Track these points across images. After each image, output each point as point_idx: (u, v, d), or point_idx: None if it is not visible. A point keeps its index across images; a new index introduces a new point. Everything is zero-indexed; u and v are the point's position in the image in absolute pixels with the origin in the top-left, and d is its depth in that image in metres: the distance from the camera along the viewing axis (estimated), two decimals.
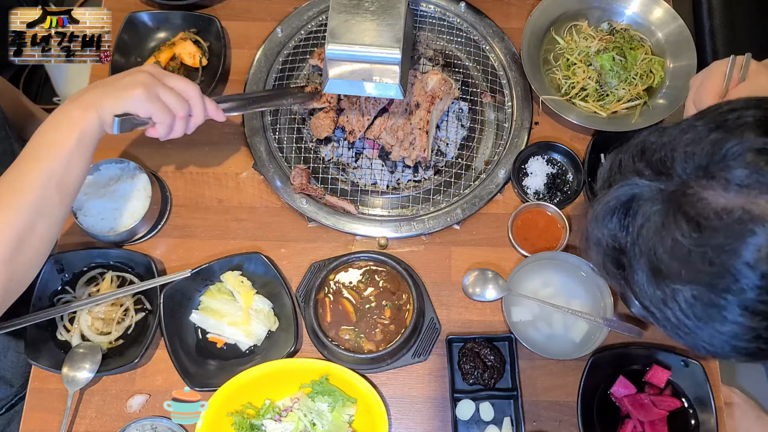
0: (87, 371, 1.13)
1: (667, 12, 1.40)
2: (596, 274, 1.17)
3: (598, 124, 1.31)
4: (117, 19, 1.42)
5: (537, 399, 1.17)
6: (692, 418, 1.14)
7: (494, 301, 1.20)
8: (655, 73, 1.37)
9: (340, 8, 1.13)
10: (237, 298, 1.20)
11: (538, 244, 1.25)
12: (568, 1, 1.43)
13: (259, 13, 1.48)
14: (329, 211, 1.28)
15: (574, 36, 1.41)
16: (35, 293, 1.18)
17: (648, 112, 1.33)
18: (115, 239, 1.23)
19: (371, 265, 1.23)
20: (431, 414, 1.17)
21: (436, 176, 1.34)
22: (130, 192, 1.24)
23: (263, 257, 1.21)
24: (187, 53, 1.41)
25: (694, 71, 1.33)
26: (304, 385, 1.14)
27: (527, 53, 1.36)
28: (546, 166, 1.33)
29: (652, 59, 1.38)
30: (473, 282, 1.21)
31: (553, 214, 1.27)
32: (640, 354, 1.17)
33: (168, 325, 1.16)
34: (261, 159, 1.33)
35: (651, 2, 1.41)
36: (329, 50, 1.12)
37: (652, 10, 1.41)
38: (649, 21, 1.41)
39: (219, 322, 1.19)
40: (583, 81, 1.35)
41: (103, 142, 1.36)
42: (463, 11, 1.46)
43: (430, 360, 1.20)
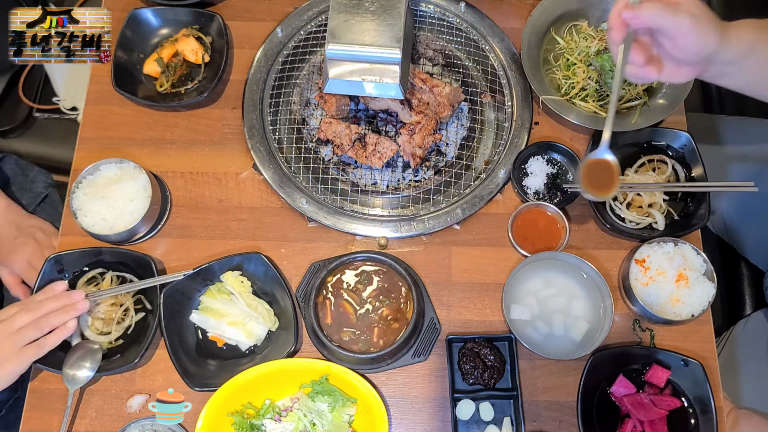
0: (87, 369, 1.13)
1: None
2: (596, 275, 1.18)
3: (599, 124, 1.31)
4: (117, 19, 1.42)
5: (537, 399, 1.17)
6: (692, 418, 1.14)
7: None
8: None
9: (340, 8, 1.13)
10: (237, 298, 1.20)
11: (538, 244, 1.25)
12: (568, 1, 1.43)
13: (260, 13, 1.48)
14: (329, 210, 1.28)
15: (574, 36, 1.41)
16: (35, 293, 1.18)
17: (647, 111, 1.33)
18: (115, 239, 1.23)
19: (371, 265, 1.23)
20: (431, 414, 1.17)
21: (436, 176, 1.34)
22: (130, 192, 1.24)
23: (263, 257, 1.21)
24: (190, 49, 1.41)
25: None
26: (304, 385, 1.14)
27: (527, 53, 1.36)
28: (546, 166, 1.33)
29: None
30: None
31: (553, 214, 1.27)
32: (640, 353, 1.17)
33: (168, 325, 1.16)
34: (261, 159, 1.33)
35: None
36: (329, 50, 1.12)
37: None
38: None
39: (219, 322, 1.19)
40: (583, 81, 1.35)
41: (103, 141, 1.37)
42: (463, 11, 1.46)
43: (430, 360, 1.20)
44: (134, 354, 1.14)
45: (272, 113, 1.38)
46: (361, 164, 1.33)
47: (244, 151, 1.35)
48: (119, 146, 1.35)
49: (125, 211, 1.23)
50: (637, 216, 1.28)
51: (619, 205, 1.29)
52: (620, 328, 1.22)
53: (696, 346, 1.21)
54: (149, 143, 1.36)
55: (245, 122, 1.36)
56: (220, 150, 1.36)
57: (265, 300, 1.22)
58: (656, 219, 1.27)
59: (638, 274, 1.20)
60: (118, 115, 1.38)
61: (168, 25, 1.44)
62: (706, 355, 1.19)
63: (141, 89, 1.39)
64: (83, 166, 1.25)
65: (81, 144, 1.36)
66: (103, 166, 1.26)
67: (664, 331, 1.22)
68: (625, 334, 1.22)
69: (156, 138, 1.37)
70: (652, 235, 1.24)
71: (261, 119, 1.36)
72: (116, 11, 1.44)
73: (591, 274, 1.20)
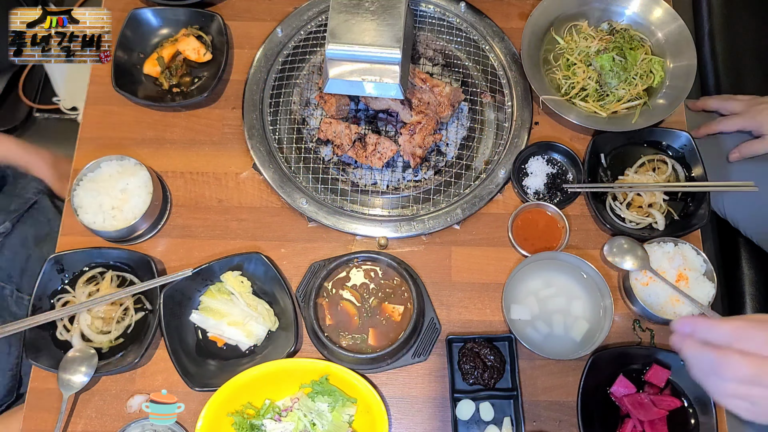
0: (83, 375, 1.13)
1: (667, 12, 1.40)
2: (596, 275, 1.18)
3: (599, 124, 1.31)
4: (117, 19, 1.42)
5: (537, 399, 1.17)
6: (692, 418, 1.14)
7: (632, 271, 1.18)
8: (655, 73, 1.37)
9: (340, 8, 1.13)
10: (237, 298, 1.20)
11: (538, 244, 1.25)
12: (568, 1, 1.43)
13: (260, 13, 1.48)
14: (329, 210, 1.28)
15: (574, 36, 1.41)
16: (35, 293, 1.18)
17: (648, 111, 1.33)
18: (115, 236, 1.23)
19: (371, 265, 1.23)
20: (431, 414, 1.17)
21: (436, 176, 1.34)
22: (131, 188, 1.24)
23: (263, 257, 1.21)
24: (191, 48, 1.41)
25: (694, 71, 1.34)
26: (304, 385, 1.14)
27: (527, 53, 1.36)
28: (546, 166, 1.33)
29: (652, 59, 1.38)
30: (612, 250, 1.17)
31: (553, 214, 1.27)
32: (640, 353, 1.17)
33: (168, 325, 1.16)
34: (261, 159, 1.33)
35: (651, 2, 1.41)
36: (329, 50, 1.12)
37: (652, 10, 1.41)
38: (649, 21, 1.42)
39: (219, 322, 1.19)
40: (583, 81, 1.35)
41: (103, 141, 1.37)
42: (463, 11, 1.46)
43: (430, 360, 1.20)
44: (134, 354, 1.14)
45: (272, 113, 1.38)
46: (361, 164, 1.33)
47: (244, 151, 1.35)
48: (119, 146, 1.35)
49: (126, 208, 1.23)
50: (637, 216, 1.28)
51: (619, 205, 1.29)
52: (620, 328, 1.22)
53: None
54: (149, 143, 1.36)
55: (245, 122, 1.36)
56: (220, 150, 1.36)
57: (265, 300, 1.22)
58: (656, 219, 1.27)
59: (638, 274, 1.20)
60: (118, 115, 1.38)
61: (168, 25, 1.44)
62: None
63: (141, 89, 1.39)
64: (83, 166, 1.25)
65: (81, 144, 1.36)
66: (103, 163, 1.26)
67: (664, 331, 1.22)
68: (625, 334, 1.22)
69: (156, 138, 1.37)
70: (652, 235, 1.24)
71: (261, 119, 1.36)
72: (116, 11, 1.44)
73: (591, 274, 1.20)
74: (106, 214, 1.23)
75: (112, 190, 1.24)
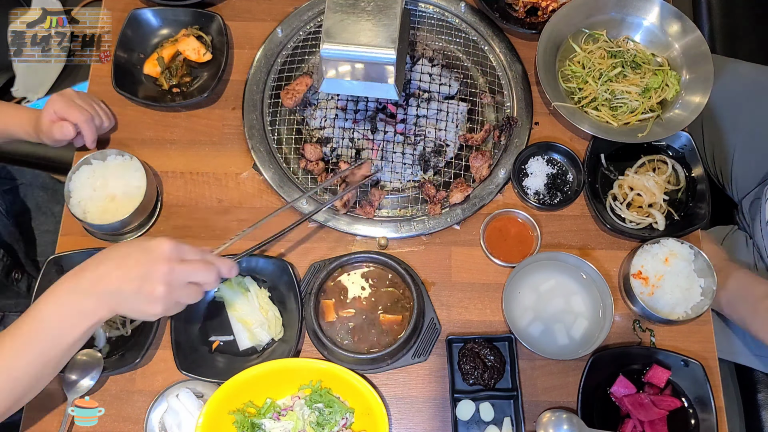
0: (89, 379, 1.14)
1: (685, 23, 1.37)
2: (596, 275, 1.18)
3: (611, 135, 1.29)
4: (117, 19, 1.42)
5: (537, 399, 1.17)
6: (692, 418, 1.14)
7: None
8: (670, 87, 1.35)
9: (336, 8, 1.12)
10: (253, 297, 1.20)
11: (511, 253, 1.25)
12: (586, 9, 1.41)
13: (260, 13, 1.48)
14: (329, 211, 1.28)
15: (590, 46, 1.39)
16: (35, 294, 1.18)
17: (661, 124, 1.31)
18: (108, 229, 1.22)
19: (371, 265, 1.23)
20: (431, 414, 1.17)
21: (436, 176, 1.34)
22: (124, 182, 1.24)
23: (288, 265, 1.21)
24: (191, 49, 1.41)
25: (710, 84, 1.31)
26: (304, 385, 1.14)
27: (542, 59, 1.35)
28: (546, 167, 1.33)
29: (668, 73, 1.36)
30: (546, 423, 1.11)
31: (524, 221, 1.27)
32: (640, 353, 1.17)
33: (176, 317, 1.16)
34: (261, 159, 1.33)
35: (669, 14, 1.38)
36: (324, 50, 1.11)
37: (670, 22, 1.39)
38: (667, 33, 1.39)
39: (230, 312, 1.19)
40: (595, 92, 1.34)
41: (102, 138, 1.37)
42: (463, 11, 1.46)
43: (430, 360, 1.20)
44: (134, 354, 1.15)
45: (272, 113, 1.38)
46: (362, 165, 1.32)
47: (244, 151, 1.35)
48: (119, 146, 1.35)
49: (118, 201, 1.23)
50: (637, 216, 1.28)
51: (619, 205, 1.29)
52: (620, 328, 1.22)
53: (696, 346, 1.21)
54: (149, 143, 1.36)
55: (245, 122, 1.36)
56: (220, 150, 1.36)
57: (278, 308, 1.22)
58: (656, 219, 1.27)
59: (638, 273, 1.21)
60: (118, 115, 1.38)
61: (168, 26, 1.44)
62: (706, 356, 1.19)
63: (141, 89, 1.39)
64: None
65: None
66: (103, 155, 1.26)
67: (664, 331, 1.22)
68: (625, 334, 1.22)
69: (156, 138, 1.37)
70: (652, 235, 1.24)
71: (261, 119, 1.36)
72: (116, 11, 1.44)
73: (591, 274, 1.20)
74: (99, 208, 1.23)
75: (106, 183, 1.24)
